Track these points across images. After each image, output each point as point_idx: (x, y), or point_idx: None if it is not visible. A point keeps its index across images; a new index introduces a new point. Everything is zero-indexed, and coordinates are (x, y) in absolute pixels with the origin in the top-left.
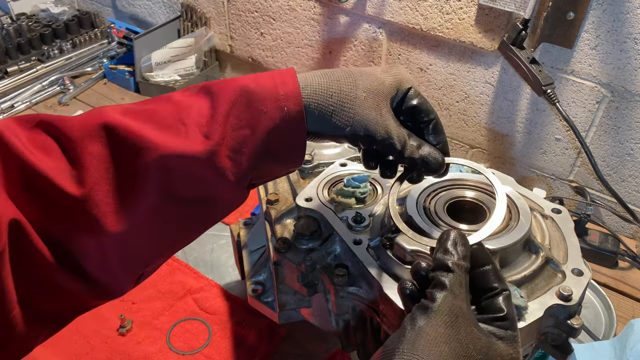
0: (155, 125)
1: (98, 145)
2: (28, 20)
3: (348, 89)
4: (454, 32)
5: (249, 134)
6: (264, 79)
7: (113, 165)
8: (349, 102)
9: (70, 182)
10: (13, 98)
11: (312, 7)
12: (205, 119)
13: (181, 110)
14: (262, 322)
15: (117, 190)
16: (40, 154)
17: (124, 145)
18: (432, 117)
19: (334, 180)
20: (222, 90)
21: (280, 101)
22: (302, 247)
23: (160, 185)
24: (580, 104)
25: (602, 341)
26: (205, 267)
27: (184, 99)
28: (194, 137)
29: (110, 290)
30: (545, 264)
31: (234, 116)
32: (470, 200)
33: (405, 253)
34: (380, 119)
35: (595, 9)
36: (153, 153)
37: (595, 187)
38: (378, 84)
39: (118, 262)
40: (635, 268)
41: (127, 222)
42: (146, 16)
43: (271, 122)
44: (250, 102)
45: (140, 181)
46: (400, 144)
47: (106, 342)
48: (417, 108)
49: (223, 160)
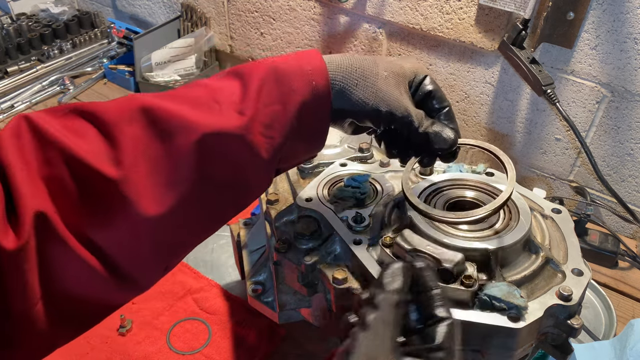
0: (191, 106)
1: (136, 126)
2: (28, 20)
3: (370, 66)
4: (454, 32)
5: (280, 109)
6: (290, 58)
7: (151, 146)
8: (372, 78)
9: (108, 164)
10: (13, 98)
11: (312, 7)
12: (238, 97)
13: (213, 91)
14: (262, 322)
15: (156, 172)
16: (76, 138)
17: (163, 126)
18: (445, 105)
19: (334, 180)
20: (251, 71)
21: (308, 76)
22: (302, 247)
23: (198, 164)
24: (580, 104)
25: (602, 341)
26: (205, 267)
27: (214, 82)
28: (228, 114)
29: (137, 282)
30: (545, 264)
31: (265, 93)
32: (470, 200)
33: (405, 253)
34: (401, 97)
35: (595, 9)
36: (192, 132)
37: (595, 187)
38: (398, 67)
39: (149, 250)
40: (635, 268)
41: (163, 204)
42: (146, 16)
43: (300, 96)
44: (280, 79)
45: (179, 161)
46: (418, 121)
47: (106, 342)
48: (432, 94)
49: (257, 138)
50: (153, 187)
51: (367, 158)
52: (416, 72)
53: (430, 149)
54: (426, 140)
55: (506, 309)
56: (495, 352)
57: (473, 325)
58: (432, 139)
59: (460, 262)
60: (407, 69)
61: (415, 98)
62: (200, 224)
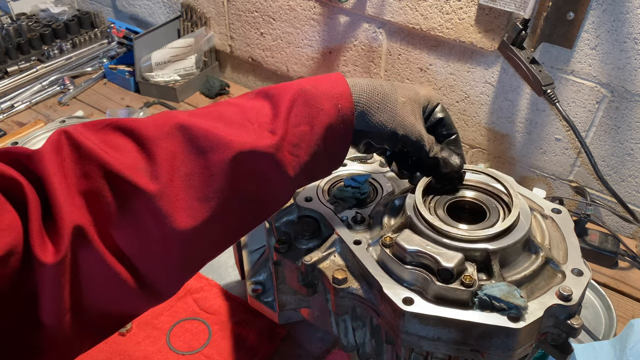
0: (226, 124)
1: (173, 142)
2: (28, 20)
3: (389, 91)
4: (454, 32)
5: (308, 130)
6: (318, 81)
7: (187, 162)
8: (391, 103)
9: (145, 178)
10: (13, 98)
11: (312, 7)
12: (269, 117)
13: (246, 111)
14: (262, 322)
15: (190, 187)
16: (114, 152)
17: (199, 142)
18: (453, 132)
19: (334, 180)
20: (280, 92)
21: (335, 99)
22: (302, 247)
23: (230, 180)
24: (580, 104)
25: (602, 341)
26: (205, 267)
27: (245, 102)
28: (261, 133)
29: (161, 292)
30: (545, 264)
31: (294, 114)
32: (470, 200)
33: (405, 253)
34: (416, 123)
35: (595, 9)
36: (228, 149)
37: (595, 187)
38: (414, 94)
39: (177, 262)
40: (635, 268)
41: (195, 219)
42: (146, 16)
43: (327, 118)
44: (308, 101)
45: (212, 177)
46: (429, 146)
47: (106, 342)
48: (442, 121)
49: (285, 156)
50: (187, 201)
51: (367, 158)
52: (430, 99)
53: (439, 172)
54: (436, 164)
55: (506, 309)
56: (495, 352)
57: (473, 325)
58: (441, 163)
59: (460, 262)
60: (422, 95)
61: (427, 124)
62: (224, 237)
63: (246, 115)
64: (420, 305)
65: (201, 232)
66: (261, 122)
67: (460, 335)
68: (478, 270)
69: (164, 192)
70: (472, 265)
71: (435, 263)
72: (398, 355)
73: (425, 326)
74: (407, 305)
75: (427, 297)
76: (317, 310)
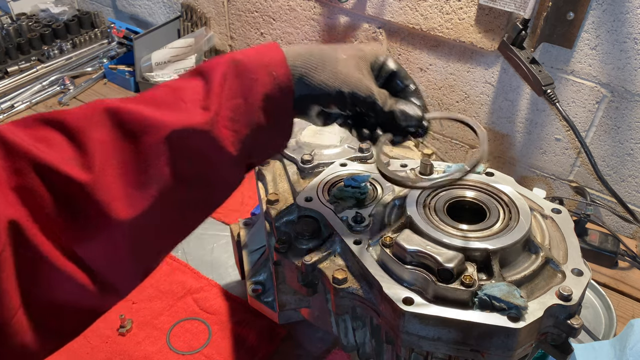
0: (156, 106)
1: (103, 130)
2: (28, 20)
3: (329, 51)
4: (454, 32)
5: (242, 102)
6: (249, 51)
7: (119, 149)
8: (331, 62)
9: (77, 169)
10: (13, 98)
11: (312, 7)
12: (201, 94)
13: (177, 91)
14: (262, 322)
15: (125, 173)
16: (43, 146)
17: (129, 126)
18: (409, 82)
19: (334, 180)
20: (212, 68)
21: (268, 67)
22: (302, 247)
23: (167, 163)
24: (580, 104)
25: (602, 341)
26: (205, 267)
27: (178, 82)
28: (193, 111)
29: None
30: (545, 264)
31: (227, 87)
32: (470, 200)
33: (405, 253)
34: (363, 79)
35: (595, 9)
36: (160, 130)
37: (595, 187)
38: (357, 51)
39: (126, 254)
40: (635, 268)
41: (136, 207)
42: (146, 16)
43: (262, 88)
44: (240, 73)
45: (147, 161)
46: (382, 100)
47: (106, 342)
48: (395, 74)
49: (222, 132)
50: (124, 189)
51: (367, 158)
52: (376, 55)
53: (398, 126)
54: (392, 118)
55: (506, 309)
56: (495, 352)
57: (473, 325)
58: (398, 116)
59: (460, 262)
60: (367, 52)
61: (380, 80)
62: (174, 225)
63: (178, 94)
64: (420, 305)
65: (145, 221)
66: (194, 100)
67: (460, 335)
68: (478, 270)
69: (97, 181)
70: (472, 265)
71: (435, 263)
72: (398, 355)
73: (425, 326)
74: (407, 305)
75: (427, 297)
76: (317, 310)
